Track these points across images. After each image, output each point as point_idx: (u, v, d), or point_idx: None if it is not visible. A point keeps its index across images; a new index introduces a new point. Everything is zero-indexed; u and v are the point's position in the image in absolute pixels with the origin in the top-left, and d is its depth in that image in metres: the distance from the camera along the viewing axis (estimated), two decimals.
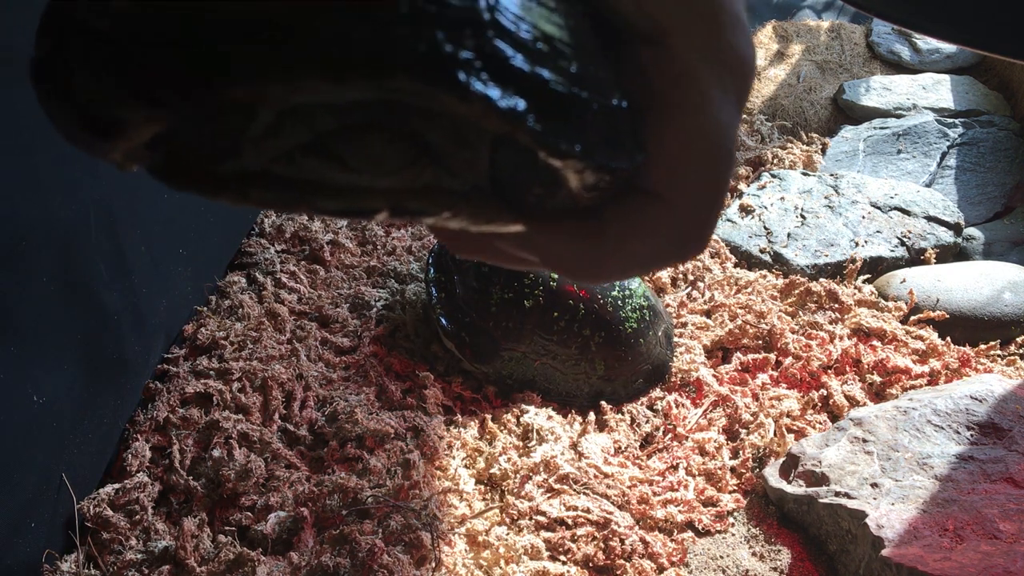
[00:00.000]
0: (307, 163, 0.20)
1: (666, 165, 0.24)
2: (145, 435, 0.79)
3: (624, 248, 0.25)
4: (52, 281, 0.66)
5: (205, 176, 0.20)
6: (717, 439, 0.81)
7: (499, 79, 0.19)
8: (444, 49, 0.18)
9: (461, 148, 0.21)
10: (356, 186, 0.21)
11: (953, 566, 0.61)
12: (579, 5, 0.23)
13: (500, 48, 0.19)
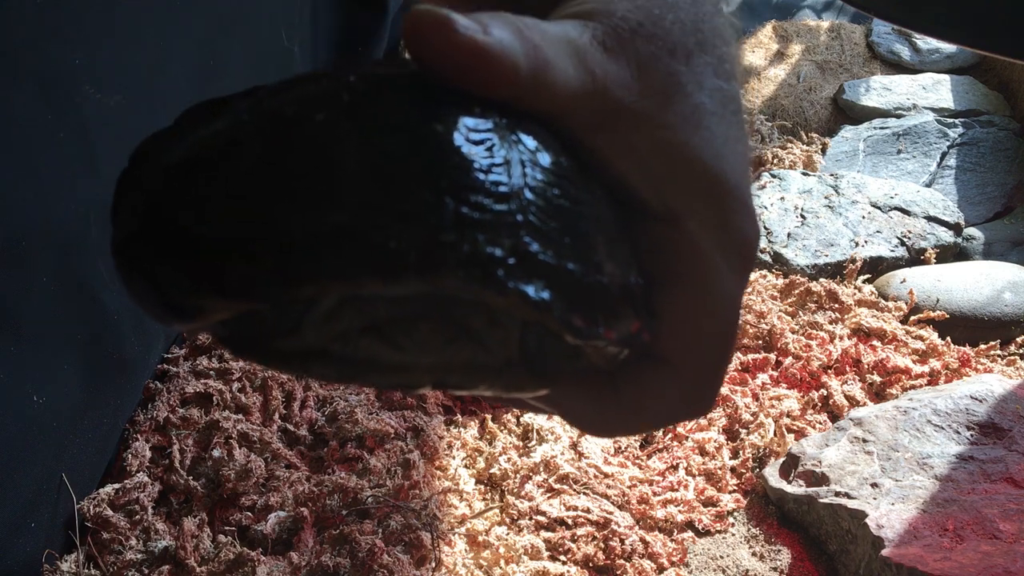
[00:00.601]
0: (362, 343, 0.23)
1: (676, 336, 0.27)
2: (145, 435, 0.79)
3: (637, 409, 0.27)
4: (52, 281, 0.66)
5: (270, 352, 0.23)
6: (717, 439, 0.81)
7: (531, 275, 0.21)
8: (485, 251, 0.21)
9: (496, 329, 0.23)
10: (404, 364, 0.23)
11: (953, 566, 0.61)
12: (599, 186, 0.26)
13: (531, 247, 0.22)
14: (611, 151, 0.27)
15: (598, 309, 0.23)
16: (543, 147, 0.25)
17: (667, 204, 0.27)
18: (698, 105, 0.28)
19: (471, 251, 0.21)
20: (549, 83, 0.25)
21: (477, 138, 0.23)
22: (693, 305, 0.27)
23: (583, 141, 0.27)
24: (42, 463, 0.67)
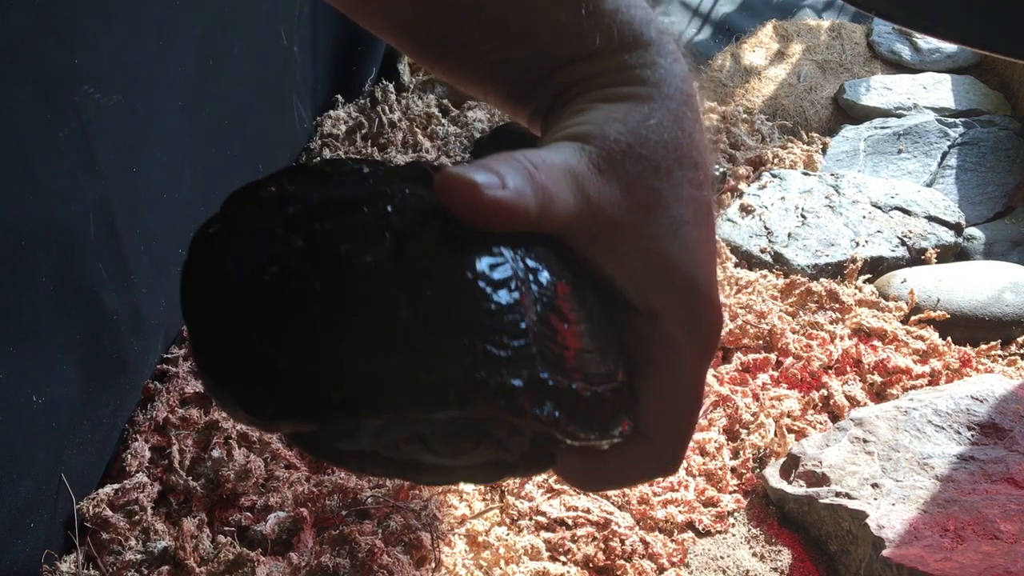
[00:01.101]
0: (407, 449, 0.29)
1: (652, 416, 0.33)
2: (144, 435, 0.79)
3: (619, 473, 0.34)
4: (52, 281, 0.66)
5: (331, 453, 0.29)
6: (717, 439, 0.80)
7: (544, 398, 0.28)
8: (509, 383, 0.27)
9: (515, 436, 0.30)
10: (441, 466, 0.30)
11: (954, 566, 0.61)
12: (593, 289, 0.32)
13: (543, 375, 0.28)
14: (601, 258, 0.33)
15: (595, 419, 0.30)
16: (550, 272, 0.31)
17: (648, 303, 0.33)
18: (676, 217, 0.33)
19: (497, 384, 0.26)
20: (553, 214, 0.30)
21: (498, 277, 0.29)
22: (666, 390, 0.33)
23: (578, 250, 0.32)
24: (42, 463, 0.67)
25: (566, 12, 0.34)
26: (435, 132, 1.24)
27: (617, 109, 0.33)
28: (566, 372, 0.29)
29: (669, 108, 0.34)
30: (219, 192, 0.31)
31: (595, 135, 0.32)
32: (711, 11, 1.61)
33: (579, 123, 0.33)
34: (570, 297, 0.31)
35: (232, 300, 0.29)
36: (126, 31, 0.74)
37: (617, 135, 0.33)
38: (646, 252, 0.33)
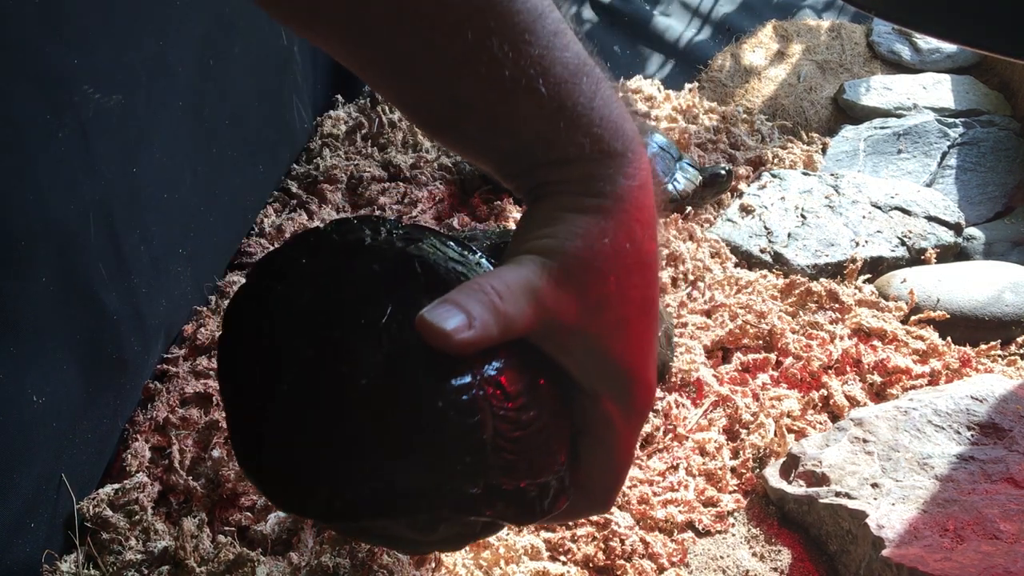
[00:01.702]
0: (392, 527, 0.39)
1: (590, 472, 0.42)
2: (145, 435, 0.79)
3: (560, 517, 0.43)
4: (52, 281, 0.66)
5: (335, 527, 0.40)
6: (717, 439, 0.80)
7: (497, 499, 0.37)
8: (469, 492, 0.36)
9: (480, 517, 0.39)
10: (417, 540, 0.40)
11: (954, 566, 0.61)
12: (546, 373, 0.40)
13: (495, 483, 0.37)
14: (554, 352, 0.40)
15: (538, 509, 0.39)
16: (508, 378, 0.38)
17: (592, 388, 0.41)
18: (621, 317, 0.41)
19: (460, 494, 0.36)
20: (514, 331, 0.38)
21: (464, 401, 0.36)
22: (602, 456, 0.42)
23: (537, 344, 0.40)
24: (42, 463, 0.67)
25: (546, 123, 0.40)
26: None
27: (579, 223, 0.40)
28: (516, 475, 0.38)
29: (623, 222, 0.40)
30: (219, 192, 0.31)
31: (556, 251, 0.39)
32: (711, 11, 1.61)
33: (546, 235, 0.40)
34: (525, 394, 0.39)
35: (258, 414, 0.38)
36: (126, 31, 0.74)
37: (575, 251, 0.39)
38: (592, 348, 0.40)
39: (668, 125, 1.26)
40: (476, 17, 0.39)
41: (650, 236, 0.42)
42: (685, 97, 1.35)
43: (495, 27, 0.39)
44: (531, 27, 0.39)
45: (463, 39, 0.39)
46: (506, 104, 0.40)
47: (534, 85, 0.39)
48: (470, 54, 0.39)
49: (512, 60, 0.39)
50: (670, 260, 1.01)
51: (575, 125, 0.40)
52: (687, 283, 1.00)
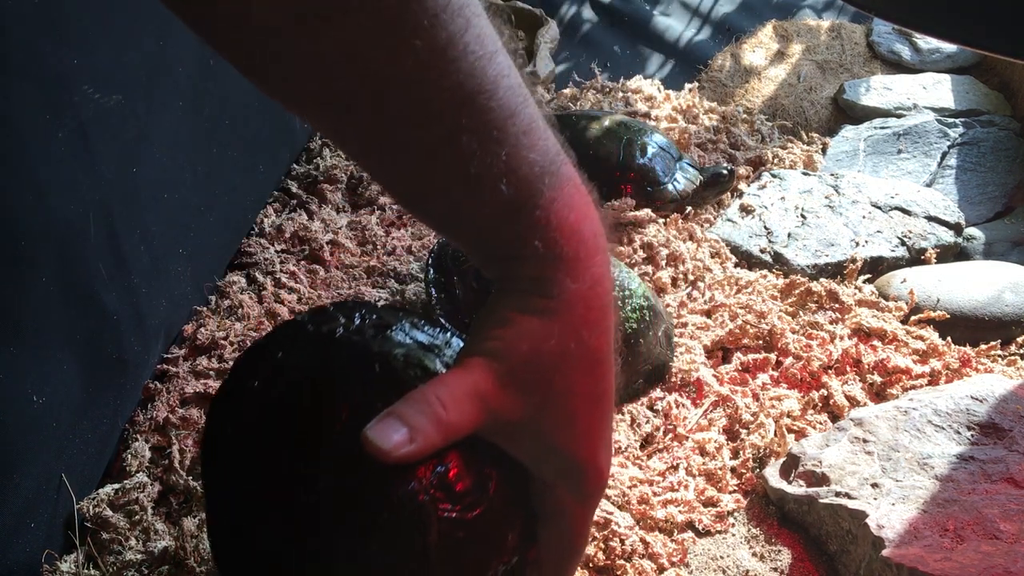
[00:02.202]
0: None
1: (546, 551, 0.46)
2: (145, 435, 0.79)
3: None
4: (52, 281, 0.66)
5: None
6: (717, 439, 0.80)
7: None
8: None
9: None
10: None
11: (953, 566, 0.61)
12: (499, 465, 0.44)
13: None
14: (505, 445, 0.43)
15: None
16: (454, 482, 0.42)
17: (543, 477, 0.44)
18: (568, 411, 0.43)
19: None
20: (457, 435, 0.41)
21: (406, 513, 0.40)
22: (557, 538, 0.46)
23: (488, 439, 0.43)
24: (42, 463, 0.67)
25: (504, 221, 0.42)
26: None
27: (527, 325, 0.42)
28: (464, 571, 0.42)
29: (569, 323, 0.43)
30: (219, 192, 0.31)
31: (504, 353, 0.42)
32: (711, 11, 1.61)
33: (495, 337, 0.43)
34: (472, 492, 0.42)
35: (222, 512, 0.42)
36: (126, 31, 0.74)
37: (521, 354, 0.42)
38: (540, 441, 0.43)
39: (668, 125, 1.26)
40: (451, 112, 0.40)
41: (599, 333, 0.44)
42: (685, 97, 1.35)
43: (467, 124, 0.40)
44: (502, 126, 0.41)
45: (437, 131, 0.41)
46: (470, 197, 0.42)
47: (497, 184, 0.41)
48: (442, 146, 0.41)
49: (479, 157, 0.41)
50: (670, 260, 1.01)
51: (531, 226, 0.42)
52: (687, 283, 1.00)
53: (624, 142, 1.07)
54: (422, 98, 0.40)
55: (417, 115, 0.41)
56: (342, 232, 1.05)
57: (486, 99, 0.41)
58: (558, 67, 1.44)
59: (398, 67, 0.39)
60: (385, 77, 0.40)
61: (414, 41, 0.39)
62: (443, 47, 0.39)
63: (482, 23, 0.41)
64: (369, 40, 0.39)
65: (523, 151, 0.42)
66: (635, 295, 0.85)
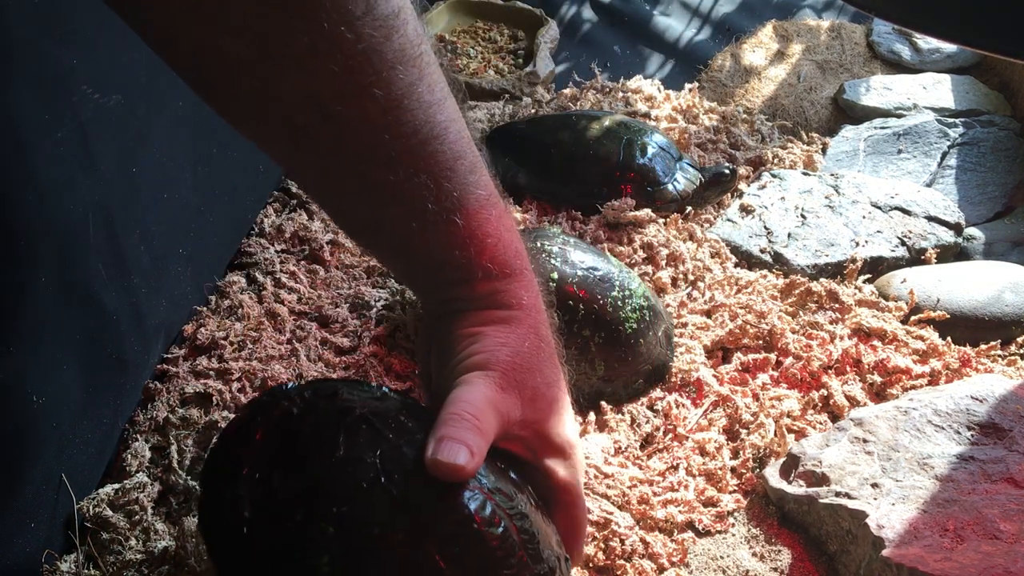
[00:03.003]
0: None
1: (562, 527, 0.52)
2: (144, 435, 0.79)
3: None
4: (52, 281, 0.66)
5: None
6: (717, 439, 0.80)
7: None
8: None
9: None
10: None
11: (953, 566, 0.61)
12: (511, 471, 0.49)
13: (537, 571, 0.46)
14: (507, 444, 0.49)
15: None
16: (500, 485, 0.46)
17: (543, 465, 0.51)
18: (548, 398, 0.50)
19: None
20: (493, 442, 0.46)
21: (486, 518, 0.44)
22: (571, 514, 0.53)
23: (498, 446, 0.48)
24: (42, 463, 0.67)
25: (460, 249, 0.48)
26: None
27: (499, 334, 0.49)
28: (539, 560, 0.46)
29: (531, 326, 0.51)
30: (219, 192, 0.31)
31: (492, 362, 0.48)
32: (711, 11, 1.61)
33: (475, 352, 0.48)
34: (510, 487, 0.47)
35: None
36: (126, 31, 0.74)
37: (507, 359, 0.48)
38: (535, 430, 0.50)
39: (668, 125, 1.26)
40: (408, 156, 0.45)
41: (547, 326, 0.53)
42: (685, 97, 1.35)
43: (423, 166, 0.45)
44: (452, 166, 0.47)
45: (395, 173, 0.45)
46: (426, 231, 0.47)
47: (452, 217, 0.47)
48: (400, 186, 0.46)
49: (435, 195, 0.46)
50: (670, 260, 1.01)
51: (483, 251, 0.49)
52: (687, 283, 1.00)
53: (624, 142, 1.07)
54: (381, 142, 0.44)
55: (377, 158, 0.45)
56: (342, 232, 1.05)
57: (439, 143, 0.46)
58: (558, 67, 1.44)
59: (360, 112, 0.44)
60: (347, 120, 0.44)
61: (374, 90, 0.43)
62: (400, 96, 0.44)
63: (433, 71, 0.46)
64: (333, 86, 0.43)
65: (471, 188, 0.48)
66: (635, 295, 0.85)
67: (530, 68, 1.35)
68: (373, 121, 0.44)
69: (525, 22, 1.48)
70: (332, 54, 0.42)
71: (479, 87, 1.32)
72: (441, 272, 0.49)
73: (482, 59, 1.40)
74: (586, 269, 0.84)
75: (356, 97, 0.43)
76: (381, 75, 0.43)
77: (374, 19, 0.42)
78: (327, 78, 0.42)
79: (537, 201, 1.11)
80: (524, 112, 1.27)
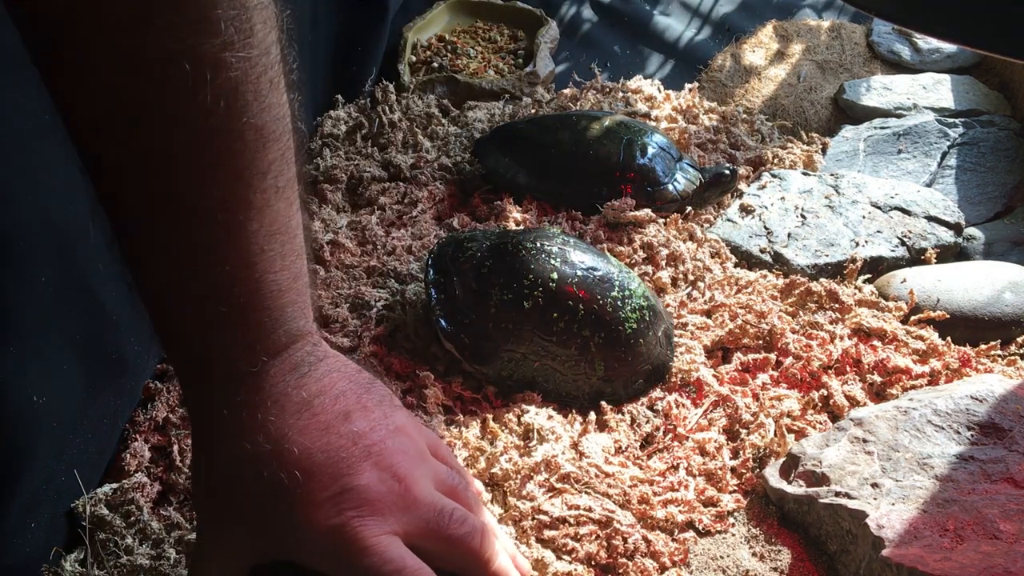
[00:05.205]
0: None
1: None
2: (144, 435, 0.79)
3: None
4: (52, 281, 0.66)
5: None
6: (717, 439, 0.80)
7: None
8: None
9: None
10: None
11: (953, 566, 0.61)
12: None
13: None
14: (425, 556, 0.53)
15: None
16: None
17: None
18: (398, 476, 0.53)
19: None
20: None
21: None
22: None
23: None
24: (42, 463, 0.67)
25: (266, 329, 0.49)
26: (435, 132, 1.24)
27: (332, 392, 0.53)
28: None
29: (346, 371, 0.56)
30: None
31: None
32: (711, 11, 1.61)
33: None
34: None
35: None
36: None
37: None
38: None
39: (668, 125, 1.26)
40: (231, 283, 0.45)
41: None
42: (685, 97, 1.35)
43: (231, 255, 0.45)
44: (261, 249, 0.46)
45: (208, 270, 0.45)
46: (219, 323, 0.46)
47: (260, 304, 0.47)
48: (214, 284, 0.46)
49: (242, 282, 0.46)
50: (670, 260, 1.01)
51: (289, 325, 0.51)
52: (687, 283, 1.00)
53: (624, 142, 1.07)
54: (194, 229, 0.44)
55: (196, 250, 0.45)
56: (342, 232, 1.05)
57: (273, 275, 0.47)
58: (558, 67, 1.44)
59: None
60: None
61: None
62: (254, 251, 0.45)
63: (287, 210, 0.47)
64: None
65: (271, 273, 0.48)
66: (635, 295, 0.85)
67: (530, 68, 1.35)
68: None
69: (525, 22, 1.48)
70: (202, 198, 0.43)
71: (479, 87, 1.32)
72: (238, 350, 0.49)
73: (482, 59, 1.40)
74: (586, 269, 0.84)
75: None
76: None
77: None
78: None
79: (537, 201, 1.11)
80: (524, 112, 1.27)
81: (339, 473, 0.48)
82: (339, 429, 0.50)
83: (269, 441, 0.48)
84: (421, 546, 0.51)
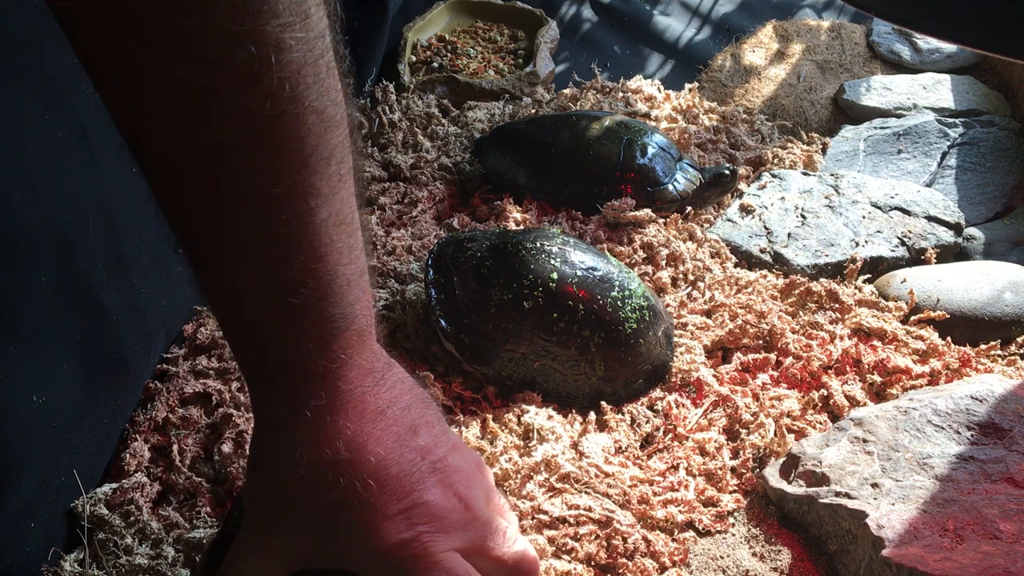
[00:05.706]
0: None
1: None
2: (144, 435, 0.79)
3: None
4: (51, 281, 0.66)
5: None
6: (717, 439, 0.80)
7: None
8: None
9: None
10: None
11: (953, 566, 0.61)
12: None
13: None
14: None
15: None
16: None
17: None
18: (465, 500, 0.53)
19: None
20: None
21: None
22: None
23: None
24: (42, 463, 0.67)
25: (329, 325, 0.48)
26: (435, 132, 1.24)
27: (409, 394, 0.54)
28: None
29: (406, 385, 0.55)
30: None
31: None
32: (711, 11, 1.61)
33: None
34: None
35: None
36: None
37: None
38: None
39: (668, 125, 1.26)
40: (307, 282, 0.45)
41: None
42: (685, 97, 1.35)
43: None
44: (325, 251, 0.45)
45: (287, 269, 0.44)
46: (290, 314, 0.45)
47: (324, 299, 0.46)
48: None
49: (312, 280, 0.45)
50: (670, 260, 1.01)
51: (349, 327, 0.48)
52: (687, 283, 1.00)
53: (624, 142, 1.07)
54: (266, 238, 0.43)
55: (271, 255, 0.43)
56: None
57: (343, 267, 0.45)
58: (558, 67, 1.44)
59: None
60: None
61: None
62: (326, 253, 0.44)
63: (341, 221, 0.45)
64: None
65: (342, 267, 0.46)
66: (635, 295, 0.85)
67: (530, 68, 1.35)
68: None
69: (525, 22, 1.48)
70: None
71: (479, 87, 1.32)
72: (311, 345, 0.48)
73: (482, 59, 1.40)
74: (586, 269, 0.84)
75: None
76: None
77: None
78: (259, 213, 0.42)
79: (537, 201, 1.11)
80: (524, 112, 1.27)
81: (411, 487, 0.48)
82: (409, 442, 0.49)
83: (349, 449, 0.47)
84: (471, 563, 0.51)
